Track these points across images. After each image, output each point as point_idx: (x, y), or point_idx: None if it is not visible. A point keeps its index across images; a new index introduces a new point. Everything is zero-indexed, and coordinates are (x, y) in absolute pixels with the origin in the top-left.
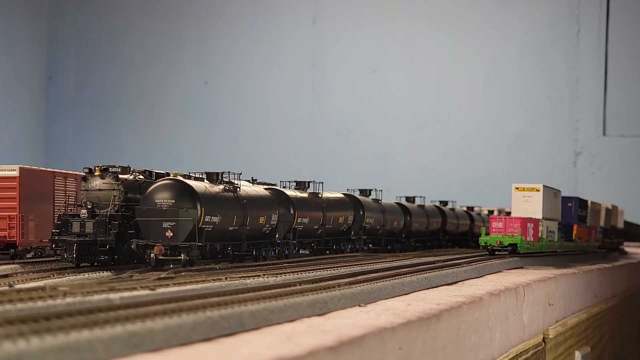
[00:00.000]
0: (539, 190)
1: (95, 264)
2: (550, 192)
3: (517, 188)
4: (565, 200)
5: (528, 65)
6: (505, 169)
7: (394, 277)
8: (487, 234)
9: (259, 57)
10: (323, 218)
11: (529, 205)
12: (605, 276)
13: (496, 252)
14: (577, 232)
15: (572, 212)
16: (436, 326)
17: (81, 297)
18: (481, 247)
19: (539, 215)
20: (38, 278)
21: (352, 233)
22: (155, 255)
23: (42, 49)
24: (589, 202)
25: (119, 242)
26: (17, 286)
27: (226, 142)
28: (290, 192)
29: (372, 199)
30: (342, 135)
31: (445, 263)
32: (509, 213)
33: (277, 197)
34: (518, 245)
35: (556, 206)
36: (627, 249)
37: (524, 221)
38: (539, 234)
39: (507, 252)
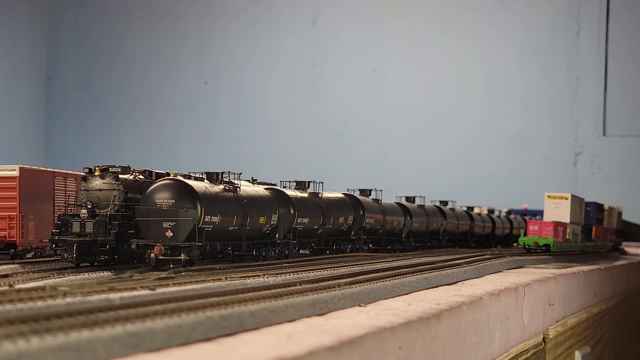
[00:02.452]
0: (567, 199)
1: (95, 264)
2: (576, 200)
3: (549, 196)
4: (586, 205)
5: (528, 65)
6: (505, 169)
7: (394, 277)
8: (525, 235)
9: (259, 57)
10: (323, 218)
11: (558, 211)
12: (605, 276)
13: (531, 251)
14: (595, 233)
15: (591, 215)
16: (436, 326)
17: (81, 297)
18: (519, 246)
19: (566, 219)
20: (38, 278)
21: (352, 233)
22: (155, 255)
23: (42, 49)
24: (605, 206)
25: (119, 242)
26: (17, 286)
27: (226, 142)
28: (290, 192)
29: (372, 199)
30: (342, 135)
31: (445, 263)
32: (509, 212)
33: (277, 197)
34: (551, 245)
35: (580, 211)
36: (627, 249)
37: (556, 225)
38: (567, 236)
39: (541, 251)
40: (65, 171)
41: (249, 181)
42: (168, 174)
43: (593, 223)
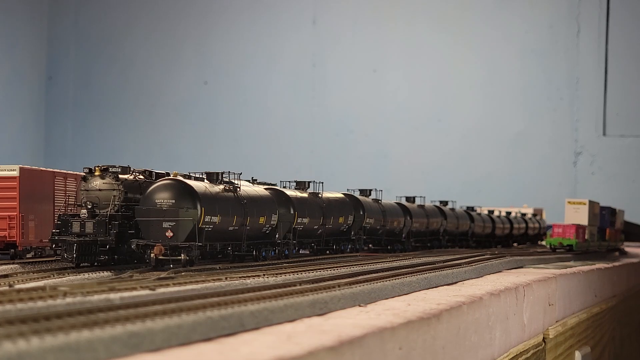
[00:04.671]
0: (585, 204)
1: (95, 264)
2: (592, 205)
3: (569, 202)
4: (601, 209)
5: (528, 65)
6: (505, 169)
7: (394, 277)
8: (551, 237)
9: (259, 57)
10: (323, 218)
11: (577, 215)
12: (605, 276)
13: (557, 250)
14: (608, 234)
15: (605, 218)
16: (436, 326)
17: (81, 297)
18: (547, 246)
19: (585, 222)
20: (38, 278)
21: (352, 233)
22: (155, 255)
23: (42, 49)
24: (617, 210)
25: (119, 242)
26: (17, 286)
27: (226, 142)
28: (290, 192)
29: (372, 199)
30: (342, 135)
31: (445, 263)
32: (509, 212)
33: (277, 197)
34: (574, 245)
35: (596, 215)
36: (627, 249)
37: (577, 227)
38: (586, 237)
39: (565, 250)
40: (65, 171)
41: (249, 181)
42: (168, 174)
43: (607, 225)
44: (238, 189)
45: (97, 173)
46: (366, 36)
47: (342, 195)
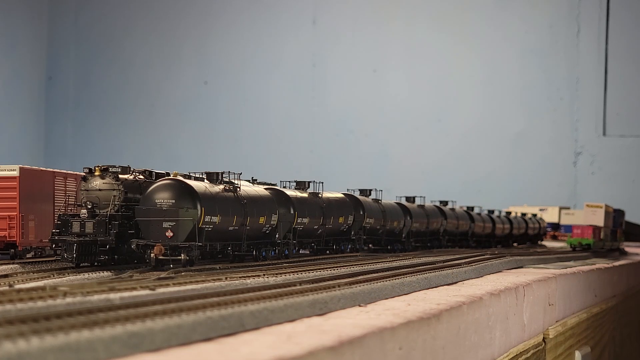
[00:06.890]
0: (601, 207)
1: (95, 264)
2: (608, 208)
3: (587, 205)
4: (613, 211)
5: (528, 65)
6: (505, 169)
7: (394, 277)
8: (571, 237)
9: (259, 57)
10: (323, 218)
11: (594, 217)
12: (605, 276)
13: (576, 249)
14: (618, 234)
15: (616, 220)
16: (436, 326)
17: (81, 297)
18: (567, 245)
19: (601, 223)
20: (38, 278)
21: (352, 233)
22: (155, 255)
23: (42, 49)
24: (624, 213)
25: (119, 242)
26: (17, 286)
27: (226, 142)
28: (290, 192)
29: (372, 199)
30: (342, 135)
31: (445, 263)
32: (509, 212)
33: (277, 197)
34: (591, 244)
35: (610, 217)
36: (627, 249)
37: (594, 228)
38: (601, 237)
39: (583, 249)
40: (65, 171)
41: (249, 181)
42: (168, 174)
43: (618, 226)
44: (238, 189)
45: (97, 173)
46: (366, 36)
47: (342, 195)
